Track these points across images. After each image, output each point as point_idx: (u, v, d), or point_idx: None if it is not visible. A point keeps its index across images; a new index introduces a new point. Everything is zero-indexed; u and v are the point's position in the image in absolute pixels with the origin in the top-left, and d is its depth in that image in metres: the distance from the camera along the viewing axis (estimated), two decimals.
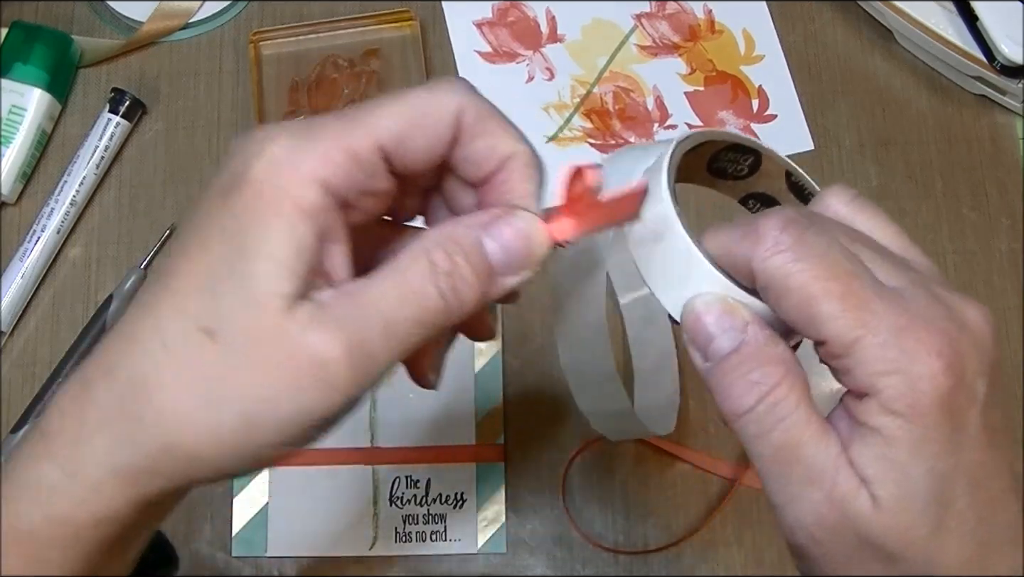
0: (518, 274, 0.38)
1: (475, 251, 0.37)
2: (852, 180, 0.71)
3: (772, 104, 0.73)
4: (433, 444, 0.66)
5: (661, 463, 0.67)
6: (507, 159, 0.39)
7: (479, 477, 0.66)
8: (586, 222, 0.39)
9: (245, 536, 0.65)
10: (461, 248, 0.36)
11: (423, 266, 0.36)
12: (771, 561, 0.65)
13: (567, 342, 0.50)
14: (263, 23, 0.75)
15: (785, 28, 0.75)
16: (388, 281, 0.36)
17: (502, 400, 0.67)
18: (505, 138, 0.38)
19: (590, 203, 0.39)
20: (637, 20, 0.75)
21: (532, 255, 0.38)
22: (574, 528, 0.65)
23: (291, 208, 0.35)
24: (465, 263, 0.36)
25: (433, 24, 0.75)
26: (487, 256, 0.37)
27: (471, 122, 0.38)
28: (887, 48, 0.74)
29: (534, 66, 0.74)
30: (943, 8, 0.71)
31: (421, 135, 0.37)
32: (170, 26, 0.74)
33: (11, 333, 0.69)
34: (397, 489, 0.66)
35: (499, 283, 0.38)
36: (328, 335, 0.34)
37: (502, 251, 0.37)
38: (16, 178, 0.71)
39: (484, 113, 0.38)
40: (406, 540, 0.65)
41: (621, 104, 0.73)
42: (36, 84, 0.71)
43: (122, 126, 0.71)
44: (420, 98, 0.38)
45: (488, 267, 0.37)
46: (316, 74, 0.73)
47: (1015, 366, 0.68)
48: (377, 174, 0.37)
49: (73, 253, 0.71)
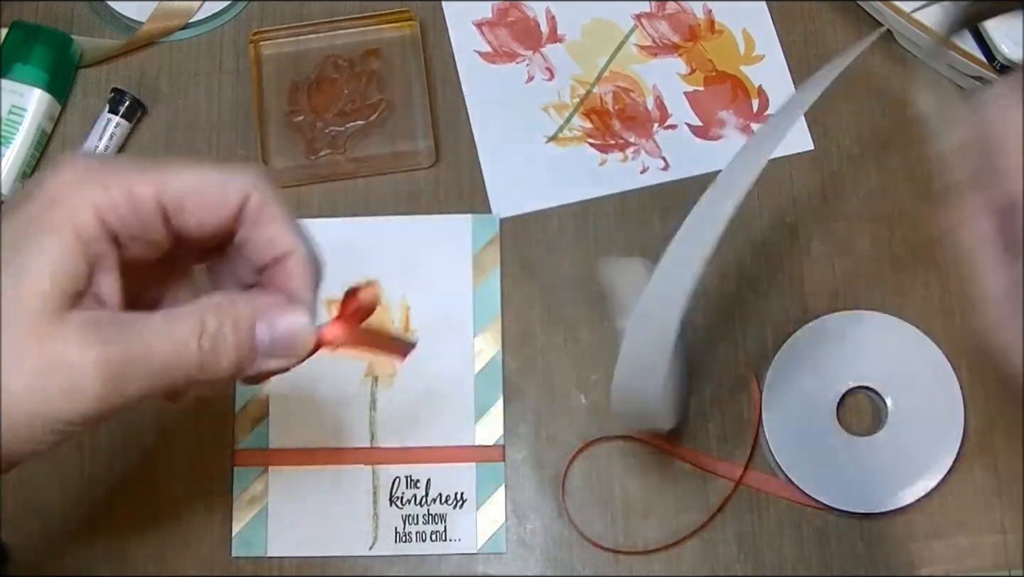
0: (279, 360, 0.43)
1: (245, 327, 0.41)
2: (852, 180, 0.71)
3: (772, 104, 0.73)
4: (433, 444, 0.66)
5: (661, 463, 0.67)
6: (285, 255, 0.43)
7: (479, 477, 0.66)
8: (355, 338, 0.45)
9: (245, 536, 0.65)
10: (233, 320, 0.41)
11: (194, 321, 0.40)
12: (771, 561, 0.65)
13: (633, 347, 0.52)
14: (263, 23, 0.75)
15: (785, 28, 0.75)
16: (159, 322, 0.40)
17: (502, 400, 0.67)
18: (284, 234, 0.43)
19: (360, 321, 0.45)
20: (637, 20, 0.75)
21: (295, 350, 0.43)
22: (574, 528, 0.65)
23: (69, 229, 0.39)
24: (231, 334, 0.41)
25: (433, 24, 0.75)
26: (254, 336, 0.41)
27: (254, 210, 0.42)
28: (887, 48, 0.74)
29: (534, 66, 0.74)
30: (943, 8, 0.71)
31: (201, 206, 0.41)
32: (170, 26, 0.74)
33: None
34: (397, 489, 0.66)
35: (259, 363, 0.42)
36: (87, 348, 0.38)
37: (269, 337, 0.42)
38: (16, 178, 0.71)
39: (269, 205, 0.42)
40: (406, 540, 0.65)
41: (621, 104, 0.73)
42: (36, 84, 0.71)
43: (122, 126, 0.72)
44: (212, 172, 0.42)
45: (252, 346, 0.41)
46: (316, 74, 0.73)
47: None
48: (151, 226, 0.41)
49: None
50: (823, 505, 0.64)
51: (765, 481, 0.66)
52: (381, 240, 0.70)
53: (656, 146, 0.72)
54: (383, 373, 0.67)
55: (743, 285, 0.70)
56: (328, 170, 0.71)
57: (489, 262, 0.69)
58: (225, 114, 0.74)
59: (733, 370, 0.68)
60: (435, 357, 0.68)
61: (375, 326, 0.46)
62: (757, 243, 0.70)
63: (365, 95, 0.73)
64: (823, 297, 0.69)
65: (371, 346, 0.47)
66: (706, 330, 0.69)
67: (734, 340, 0.69)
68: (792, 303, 0.69)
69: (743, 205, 0.70)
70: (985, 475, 0.66)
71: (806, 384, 0.66)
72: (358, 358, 0.49)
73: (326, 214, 0.71)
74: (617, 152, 0.72)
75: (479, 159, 0.72)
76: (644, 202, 0.71)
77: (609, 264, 0.60)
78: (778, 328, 0.68)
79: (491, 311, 0.69)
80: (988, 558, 0.65)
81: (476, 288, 0.69)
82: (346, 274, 0.69)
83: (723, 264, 0.70)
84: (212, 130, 0.73)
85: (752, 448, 0.66)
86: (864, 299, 0.69)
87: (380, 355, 0.48)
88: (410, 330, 0.68)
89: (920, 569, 0.64)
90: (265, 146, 0.71)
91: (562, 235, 0.71)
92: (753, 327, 0.69)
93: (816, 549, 0.65)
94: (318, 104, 0.72)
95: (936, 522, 0.65)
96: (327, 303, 0.67)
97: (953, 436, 0.65)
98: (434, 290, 0.69)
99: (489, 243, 0.70)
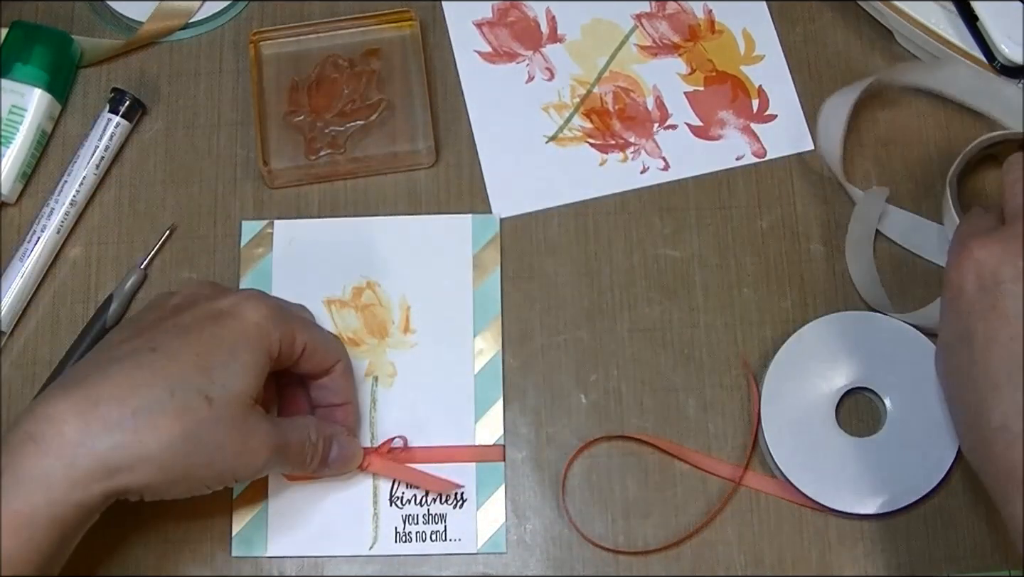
0: (332, 470, 0.63)
1: (328, 441, 0.62)
2: (852, 180, 0.71)
3: (772, 104, 0.73)
4: (433, 444, 0.66)
5: (661, 463, 0.67)
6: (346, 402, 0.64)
7: (479, 477, 0.66)
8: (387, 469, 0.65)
9: (245, 536, 0.65)
10: (325, 436, 0.61)
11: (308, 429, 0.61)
12: (771, 561, 0.65)
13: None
14: (263, 23, 0.75)
15: (785, 28, 0.75)
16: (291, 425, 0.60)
17: (502, 400, 0.67)
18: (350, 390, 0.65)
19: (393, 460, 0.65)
20: (637, 20, 0.75)
21: (347, 466, 0.63)
22: (574, 528, 0.65)
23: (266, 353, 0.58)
24: (321, 443, 0.61)
25: (433, 24, 0.75)
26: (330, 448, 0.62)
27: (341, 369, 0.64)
28: (887, 48, 0.74)
29: (534, 66, 0.74)
30: (943, 8, 0.71)
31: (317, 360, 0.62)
32: (170, 26, 0.74)
33: (11, 333, 0.69)
34: (397, 489, 0.66)
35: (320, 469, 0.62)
36: (265, 436, 0.57)
37: (337, 454, 0.62)
38: (16, 178, 0.71)
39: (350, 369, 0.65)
40: (406, 540, 0.65)
41: (621, 104, 0.73)
42: (36, 84, 0.71)
43: (122, 126, 0.71)
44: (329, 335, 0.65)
45: (326, 456, 0.62)
46: (316, 74, 0.73)
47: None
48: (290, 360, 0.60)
49: (73, 253, 0.71)
50: (823, 506, 0.64)
51: (765, 482, 0.66)
52: (381, 239, 0.70)
53: (656, 146, 0.72)
54: (383, 373, 0.67)
55: (743, 285, 0.70)
56: (328, 170, 0.71)
57: (490, 262, 0.69)
58: (225, 114, 0.74)
59: (733, 370, 0.68)
60: (435, 357, 0.68)
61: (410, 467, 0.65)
62: (757, 243, 0.70)
63: (365, 95, 0.73)
64: (823, 297, 0.69)
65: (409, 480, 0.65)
66: (705, 330, 0.69)
67: (734, 340, 0.69)
68: (792, 303, 0.69)
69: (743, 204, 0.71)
70: None
71: (805, 384, 0.66)
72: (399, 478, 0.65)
73: (326, 214, 0.71)
74: (617, 152, 0.72)
75: (479, 159, 0.72)
76: (644, 202, 0.71)
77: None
78: (778, 328, 0.68)
79: (491, 311, 0.68)
80: (988, 558, 0.65)
81: (476, 288, 0.69)
82: (347, 273, 0.69)
83: (723, 264, 0.70)
84: (212, 130, 0.73)
85: (751, 449, 0.66)
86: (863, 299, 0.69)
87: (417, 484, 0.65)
88: (410, 330, 0.68)
89: (920, 569, 0.64)
90: (265, 146, 0.71)
91: (562, 235, 0.71)
92: (753, 327, 0.69)
93: (816, 549, 0.65)
94: (318, 104, 0.72)
95: (936, 522, 0.65)
96: (326, 302, 0.69)
97: (953, 436, 0.65)
98: (434, 290, 0.69)
99: (489, 243, 0.70)
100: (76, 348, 0.68)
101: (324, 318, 0.68)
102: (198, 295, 0.60)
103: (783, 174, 0.72)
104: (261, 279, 0.69)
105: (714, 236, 0.71)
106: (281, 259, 0.70)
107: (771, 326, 0.69)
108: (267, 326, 0.57)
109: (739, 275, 0.70)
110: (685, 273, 0.70)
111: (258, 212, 0.71)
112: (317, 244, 0.70)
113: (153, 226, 0.71)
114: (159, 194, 0.72)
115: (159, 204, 0.72)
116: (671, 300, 0.69)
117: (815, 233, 0.70)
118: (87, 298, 0.70)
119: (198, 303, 0.58)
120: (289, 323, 0.59)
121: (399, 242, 0.70)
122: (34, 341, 0.69)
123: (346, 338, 0.68)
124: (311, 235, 0.70)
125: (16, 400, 0.68)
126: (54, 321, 0.70)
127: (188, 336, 0.56)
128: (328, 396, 0.64)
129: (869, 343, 0.67)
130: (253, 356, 0.57)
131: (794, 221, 0.71)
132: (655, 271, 0.70)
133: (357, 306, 0.69)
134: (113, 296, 0.69)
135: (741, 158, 0.72)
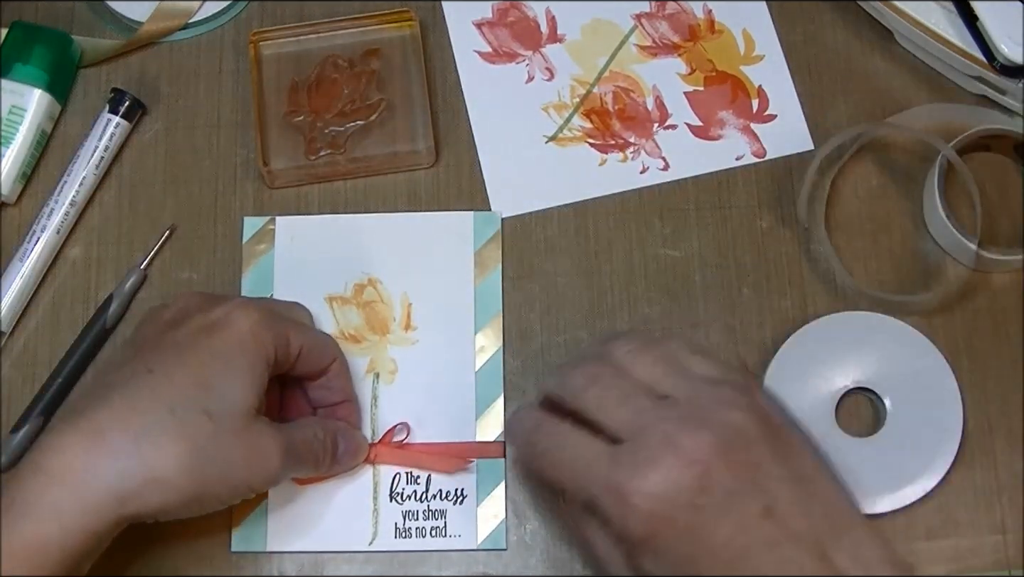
0: (341, 465, 0.64)
1: (333, 437, 0.62)
2: (852, 180, 0.71)
3: (772, 104, 0.73)
4: (433, 440, 0.66)
5: None
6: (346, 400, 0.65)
7: (479, 473, 0.66)
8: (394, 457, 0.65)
9: (244, 531, 0.65)
10: (330, 434, 0.62)
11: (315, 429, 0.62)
12: None
13: None
14: (263, 23, 0.75)
15: (785, 28, 0.75)
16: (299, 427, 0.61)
17: (502, 397, 0.67)
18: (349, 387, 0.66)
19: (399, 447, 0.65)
20: (637, 20, 0.75)
21: (354, 459, 0.64)
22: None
23: (263, 359, 0.58)
24: (329, 440, 0.62)
25: (433, 24, 0.75)
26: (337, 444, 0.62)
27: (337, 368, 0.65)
28: (887, 48, 0.74)
29: (534, 66, 0.74)
30: (943, 8, 0.71)
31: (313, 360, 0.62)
32: (170, 26, 0.74)
33: (11, 333, 0.69)
34: (397, 485, 0.65)
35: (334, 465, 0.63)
36: (274, 440, 0.57)
37: (343, 447, 0.63)
38: (16, 178, 0.71)
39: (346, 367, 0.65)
40: (406, 536, 0.65)
41: (621, 104, 0.73)
42: (36, 84, 0.71)
43: (122, 126, 0.72)
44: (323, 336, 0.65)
45: (335, 452, 0.62)
46: (316, 74, 0.73)
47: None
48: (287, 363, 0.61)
49: (73, 253, 0.71)
50: None
51: None
52: (383, 236, 0.70)
53: (656, 146, 0.72)
54: (385, 370, 0.67)
55: (743, 285, 0.70)
56: (328, 170, 0.71)
57: (491, 259, 0.69)
58: (225, 114, 0.74)
59: None
60: (436, 354, 0.68)
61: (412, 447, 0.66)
62: (757, 243, 0.70)
63: (365, 95, 0.73)
64: (823, 297, 0.69)
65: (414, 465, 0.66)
66: (705, 330, 0.69)
67: (733, 340, 0.69)
68: (792, 303, 0.69)
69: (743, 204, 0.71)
70: (985, 475, 0.66)
71: (805, 385, 0.66)
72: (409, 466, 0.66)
73: (326, 214, 0.71)
74: (617, 152, 0.72)
75: (479, 159, 0.72)
76: (644, 202, 0.71)
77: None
78: (778, 328, 0.68)
79: (492, 308, 0.68)
80: (988, 558, 0.65)
81: (478, 285, 0.69)
82: (349, 269, 0.69)
83: (723, 264, 0.70)
84: (212, 130, 0.73)
85: None
86: (863, 299, 0.69)
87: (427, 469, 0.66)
88: (411, 327, 0.68)
89: (920, 569, 0.64)
90: (265, 146, 0.71)
91: (562, 235, 0.71)
92: (753, 327, 0.69)
93: None
94: (318, 104, 0.72)
95: (936, 522, 0.65)
96: (328, 299, 0.69)
97: (952, 436, 0.65)
98: (436, 287, 0.69)
99: (491, 240, 0.70)
100: (76, 348, 0.68)
101: (326, 315, 0.68)
102: (190, 307, 0.60)
103: (783, 174, 0.72)
104: (263, 276, 0.69)
105: (714, 236, 0.71)
106: (283, 256, 0.70)
107: (771, 326, 0.69)
108: (260, 332, 0.58)
109: (739, 275, 0.70)
110: (685, 273, 0.70)
111: (258, 212, 0.71)
112: (319, 241, 0.70)
113: (153, 226, 0.71)
114: (159, 194, 0.72)
115: (159, 204, 0.72)
116: (671, 300, 0.69)
117: (815, 233, 0.70)
118: (87, 298, 0.70)
119: (191, 316, 0.59)
120: (282, 326, 0.60)
121: (401, 239, 0.70)
122: (34, 341, 0.69)
123: (347, 335, 0.68)
124: (313, 232, 0.70)
125: (16, 400, 0.67)
126: (54, 321, 0.70)
127: (183, 353, 0.56)
128: (327, 396, 0.64)
129: (869, 343, 0.67)
130: (249, 364, 0.57)
131: (794, 221, 0.71)
132: (655, 271, 0.70)
133: (359, 303, 0.69)
134: (113, 296, 0.69)
135: (741, 158, 0.72)
